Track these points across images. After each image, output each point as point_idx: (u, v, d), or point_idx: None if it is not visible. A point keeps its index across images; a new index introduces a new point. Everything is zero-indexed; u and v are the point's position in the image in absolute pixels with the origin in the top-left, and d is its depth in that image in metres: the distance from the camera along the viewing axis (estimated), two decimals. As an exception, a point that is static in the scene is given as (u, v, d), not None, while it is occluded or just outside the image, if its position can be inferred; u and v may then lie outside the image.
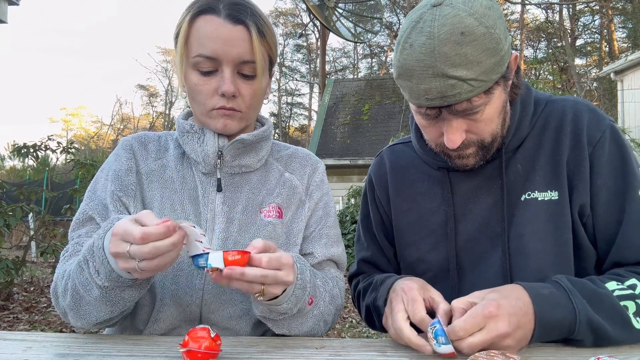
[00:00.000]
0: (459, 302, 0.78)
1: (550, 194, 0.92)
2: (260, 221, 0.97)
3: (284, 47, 28.71)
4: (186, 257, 0.91)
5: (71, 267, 0.83)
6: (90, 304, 0.81)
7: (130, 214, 0.94)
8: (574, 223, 0.91)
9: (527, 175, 0.94)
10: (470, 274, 0.97)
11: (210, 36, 0.88)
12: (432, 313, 0.82)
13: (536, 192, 0.93)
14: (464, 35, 0.77)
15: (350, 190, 8.12)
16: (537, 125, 0.96)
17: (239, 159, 0.98)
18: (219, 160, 0.97)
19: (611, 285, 0.82)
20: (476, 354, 0.71)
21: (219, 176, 0.97)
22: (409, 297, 0.83)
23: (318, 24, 14.45)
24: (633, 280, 0.83)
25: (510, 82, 0.89)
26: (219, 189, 0.97)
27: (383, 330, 0.99)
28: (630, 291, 0.81)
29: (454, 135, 0.86)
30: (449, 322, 0.78)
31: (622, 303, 0.80)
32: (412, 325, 0.81)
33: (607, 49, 22.24)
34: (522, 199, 0.93)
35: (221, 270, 0.72)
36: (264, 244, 0.76)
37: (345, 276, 1.10)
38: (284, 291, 0.80)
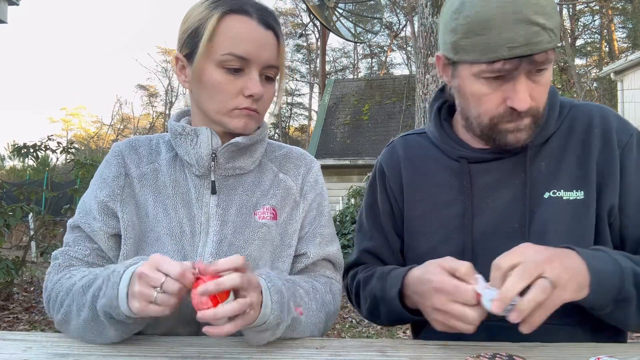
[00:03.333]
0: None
1: (576, 194, 0.92)
2: (254, 223, 0.96)
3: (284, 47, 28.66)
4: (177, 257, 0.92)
5: (72, 285, 0.86)
6: (77, 327, 0.83)
7: (118, 219, 0.94)
8: (600, 223, 0.91)
9: (552, 174, 0.94)
10: (484, 268, 0.95)
11: (244, 37, 0.89)
12: None
13: (562, 191, 0.92)
14: None
15: (350, 190, 8.11)
16: (563, 127, 0.97)
17: (233, 161, 0.98)
18: (212, 163, 0.96)
19: None
20: (480, 353, 0.71)
21: (212, 178, 0.97)
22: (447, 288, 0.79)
23: (318, 24, 14.46)
24: None
25: None
26: (214, 191, 0.96)
27: (388, 322, 0.99)
28: None
29: (525, 94, 0.84)
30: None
31: None
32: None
33: (607, 49, 22.23)
34: (546, 196, 0.93)
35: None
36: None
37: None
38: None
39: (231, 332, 0.72)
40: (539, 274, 0.71)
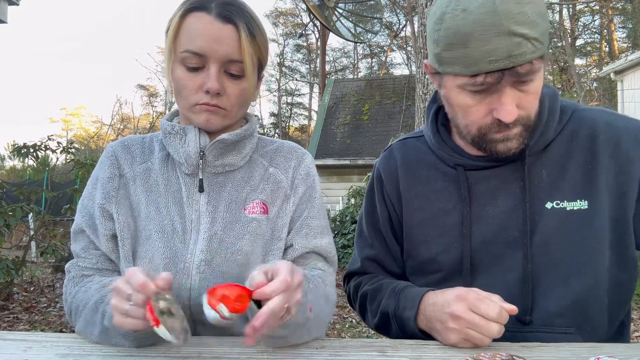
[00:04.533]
0: None
1: (580, 204, 0.90)
2: (244, 218, 0.96)
3: (284, 47, 28.71)
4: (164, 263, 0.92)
5: (88, 301, 0.87)
6: (92, 339, 0.86)
7: (114, 220, 0.96)
8: (619, 231, 0.89)
9: (554, 183, 0.92)
10: (483, 276, 0.94)
11: (199, 33, 0.89)
12: None
13: (565, 201, 0.91)
14: None
15: (350, 190, 8.11)
16: (565, 132, 0.94)
17: (222, 158, 0.98)
18: (201, 161, 0.97)
19: None
20: (480, 353, 0.72)
21: (201, 177, 0.97)
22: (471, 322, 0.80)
23: (318, 24, 14.47)
24: None
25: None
26: (201, 189, 0.97)
27: (396, 337, 0.96)
28: None
29: (511, 106, 0.82)
30: None
31: None
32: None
33: (607, 49, 22.23)
34: (549, 207, 0.91)
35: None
36: (264, 275, 0.72)
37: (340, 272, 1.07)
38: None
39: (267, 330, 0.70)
40: None
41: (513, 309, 0.79)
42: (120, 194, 0.97)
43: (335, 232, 7.66)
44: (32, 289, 5.43)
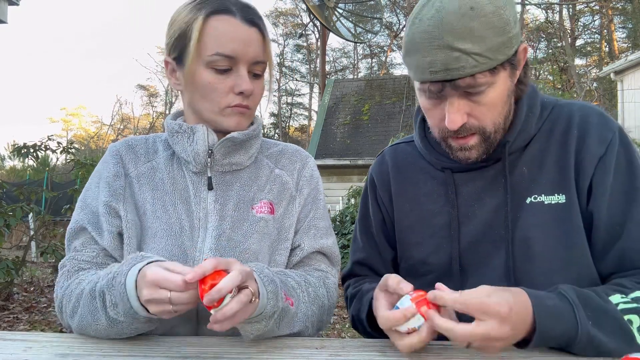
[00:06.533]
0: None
1: (558, 198, 0.91)
2: (252, 217, 0.98)
3: (284, 47, 28.73)
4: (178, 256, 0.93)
5: (81, 291, 0.86)
6: (99, 331, 0.84)
7: (120, 218, 0.95)
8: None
9: (533, 178, 0.93)
10: (473, 276, 0.95)
11: (229, 36, 0.92)
12: None
13: (542, 195, 0.92)
14: (473, 10, 0.79)
15: (350, 190, 8.11)
16: (544, 128, 0.96)
17: (230, 157, 0.99)
18: (209, 159, 0.98)
19: (615, 298, 0.80)
20: None
21: (209, 175, 0.98)
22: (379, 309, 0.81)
23: (318, 24, 14.47)
24: (638, 293, 0.81)
25: (517, 72, 0.89)
26: (210, 187, 0.98)
27: (369, 337, 0.96)
28: (634, 304, 0.79)
29: (454, 115, 0.85)
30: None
31: (626, 317, 0.77)
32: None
33: (607, 49, 22.24)
34: (528, 202, 0.92)
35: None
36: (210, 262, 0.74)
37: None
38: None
39: (236, 324, 0.74)
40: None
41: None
42: (127, 192, 0.98)
43: (336, 232, 7.66)
44: (32, 289, 5.43)
